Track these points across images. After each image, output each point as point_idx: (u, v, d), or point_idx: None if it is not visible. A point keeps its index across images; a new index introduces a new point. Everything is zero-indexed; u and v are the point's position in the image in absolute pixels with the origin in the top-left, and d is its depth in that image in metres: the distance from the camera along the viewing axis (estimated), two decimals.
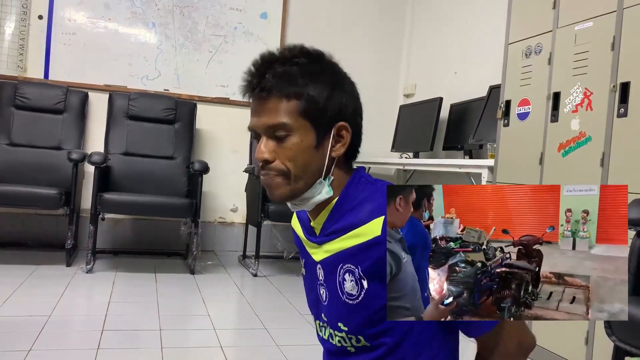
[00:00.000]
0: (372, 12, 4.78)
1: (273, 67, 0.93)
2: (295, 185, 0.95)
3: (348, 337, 0.99)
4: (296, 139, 0.93)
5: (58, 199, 3.39)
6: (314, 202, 0.98)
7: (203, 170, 3.70)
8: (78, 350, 2.21)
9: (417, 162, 3.89)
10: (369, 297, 0.94)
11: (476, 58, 3.81)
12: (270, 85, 0.92)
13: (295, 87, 0.92)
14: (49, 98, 3.94)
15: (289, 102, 0.92)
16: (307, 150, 0.94)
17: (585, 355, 2.09)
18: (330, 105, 0.95)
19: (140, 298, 3.01)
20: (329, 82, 0.95)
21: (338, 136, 0.97)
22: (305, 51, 0.97)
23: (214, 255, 4.29)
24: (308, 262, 1.08)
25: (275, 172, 0.94)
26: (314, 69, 0.95)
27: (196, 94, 4.35)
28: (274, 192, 0.96)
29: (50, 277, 3.24)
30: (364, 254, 0.93)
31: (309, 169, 0.95)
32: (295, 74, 0.93)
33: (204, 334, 2.50)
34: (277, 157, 0.94)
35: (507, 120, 2.66)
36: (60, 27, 4.08)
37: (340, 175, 0.99)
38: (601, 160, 2.09)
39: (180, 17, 4.31)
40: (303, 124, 0.93)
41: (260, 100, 0.94)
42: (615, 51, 2.07)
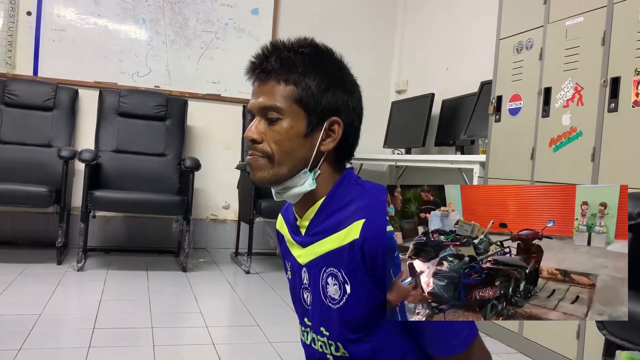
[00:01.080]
0: (363, 8, 4.77)
1: (278, 53, 0.95)
2: (277, 169, 0.95)
3: (329, 343, 0.98)
4: (286, 123, 0.93)
5: (48, 196, 3.37)
6: (296, 193, 0.97)
7: (194, 167, 3.68)
8: (69, 348, 2.20)
9: (409, 158, 3.89)
10: (350, 301, 0.92)
11: (468, 54, 3.81)
12: (271, 68, 0.94)
13: (295, 74, 0.93)
14: (39, 95, 3.90)
15: (285, 87, 0.93)
16: (295, 137, 0.94)
17: (576, 350, 2.11)
18: (326, 98, 0.95)
19: (132, 296, 3.00)
20: (329, 76, 0.96)
21: (330, 130, 0.96)
22: (314, 44, 0.99)
23: (206, 253, 4.28)
24: (293, 266, 1.07)
25: (261, 153, 0.95)
26: (317, 60, 0.96)
27: (187, 90, 4.33)
28: (256, 173, 0.96)
29: (40, 276, 3.22)
30: (344, 257, 0.92)
31: (294, 156, 0.94)
32: (297, 61, 0.94)
33: (197, 332, 2.49)
34: (265, 138, 0.94)
35: (498, 116, 2.66)
36: (49, 23, 4.04)
37: (328, 172, 0.98)
38: (592, 155, 2.10)
39: (170, 13, 4.28)
40: (296, 110, 0.93)
41: (260, 82, 0.95)
42: (606, 46, 2.08)
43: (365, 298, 0.90)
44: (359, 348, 0.94)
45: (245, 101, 4.40)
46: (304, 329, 1.06)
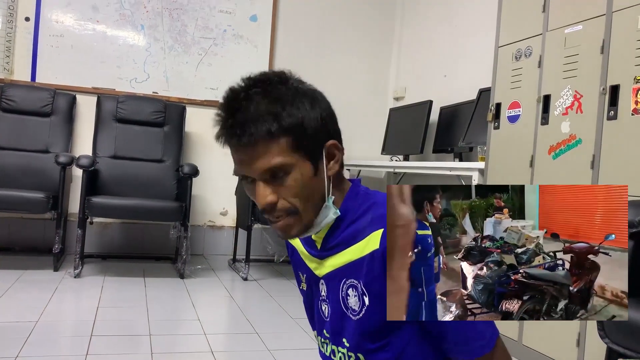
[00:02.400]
0: (362, 15, 4.78)
1: (248, 109, 0.87)
2: (306, 218, 0.92)
3: (348, 354, 0.98)
4: (296, 174, 0.89)
5: (45, 202, 3.35)
6: (324, 225, 0.96)
7: (192, 173, 3.67)
8: (66, 356, 2.18)
9: (407, 165, 3.89)
10: (370, 312, 0.92)
11: (466, 61, 3.82)
12: (254, 130, 0.85)
13: (280, 123, 0.87)
14: (36, 101, 3.89)
15: (279, 141, 0.87)
16: (309, 182, 0.90)
17: (576, 357, 2.10)
18: (315, 127, 0.91)
19: (130, 303, 2.98)
20: (307, 104, 0.91)
21: (329, 154, 0.94)
22: (271, 79, 0.91)
23: (204, 259, 4.26)
24: (310, 278, 1.06)
25: (283, 212, 0.91)
26: (289, 96, 0.89)
27: (185, 96, 4.33)
28: (289, 232, 0.93)
29: (37, 282, 3.20)
30: (364, 268, 0.92)
31: (314, 199, 0.92)
32: (274, 109, 0.87)
33: (195, 339, 2.47)
34: (280, 196, 0.90)
35: (497, 123, 2.67)
36: (47, 29, 4.04)
37: (337, 190, 0.97)
38: (591, 163, 2.11)
39: (169, 19, 4.29)
40: (298, 158, 0.89)
41: (246, 147, 0.87)
42: (605, 54, 2.09)
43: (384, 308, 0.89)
44: (380, 356, 0.94)
45: None
46: (323, 341, 1.06)
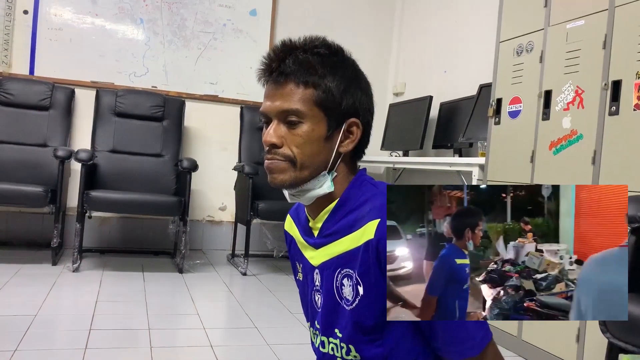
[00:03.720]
0: (361, 10, 4.77)
1: (294, 54, 0.93)
2: (299, 173, 0.93)
3: (340, 345, 0.97)
4: (308, 127, 0.92)
5: (44, 196, 3.34)
6: (313, 195, 0.96)
7: (192, 168, 3.66)
8: (65, 350, 2.17)
9: (406, 160, 3.89)
10: (363, 302, 0.92)
11: (466, 57, 3.81)
12: (290, 71, 0.91)
13: (314, 76, 0.91)
14: (35, 94, 3.87)
15: (305, 90, 0.91)
16: (317, 141, 0.92)
17: (576, 353, 2.10)
18: (345, 99, 0.94)
19: (128, 297, 2.97)
20: (347, 77, 0.95)
21: (348, 132, 0.96)
22: (327, 43, 0.97)
23: (202, 254, 4.25)
24: (305, 268, 1.06)
25: (282, 157, 0.93)
26: (334, 61, 0.95)
27: (185, 91, 4.31)
28: (277, 175, 0.94)
29: (35, 277, 3.19)
30: (358, 258, 0.91)
31: (315, 160, 0.93)
32: (315, 63, 0.92)
33: (194, 333, 2.47)
34: (286, 142, 0.93)
35: (498, 119, 2.66)
36: (46, 22, 4.01)
37: (344, 173, 0.98)
38: (592, 159, 2.10)
39: (168, 13, 4.27)
40: (317, 114, 0.92)
41: (277, 85, 0.92)
42: (607, 49, 2.08)
43: (378, 299, 0.89)
44: (371, 350, 0.93)
45: (243, 102, 4.39)
46: (314, 332, 1.05)
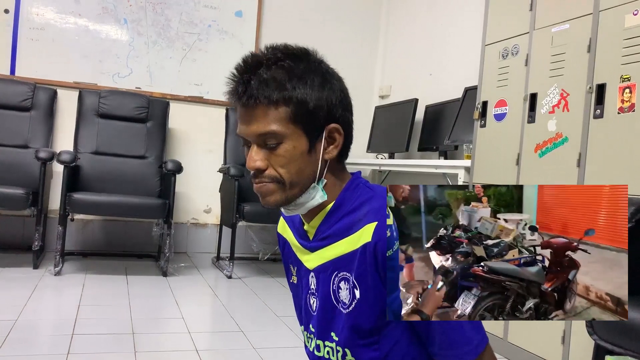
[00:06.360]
0: (347, 12, 4.77)
1: (258, 73, 0.89)
2: (290, 192, 0.92)
3: (336, 349, 0.97)
4: (288, 145, 0.90)
5: (25, 199, 3.28)
6: (308, 207, 0.95)
7: (176, 170, 3.63)
8: (47, 355, 2.13)
9: (392, 162, 3.89)
10: (360, 305, 0.91)
11: (451, 60, 3.83)
12: (258, 93, 0.88)
13: (284, 92, 0.88)
14: (16, 95, 3.81)
15: (277, 109, 0.88)
16: (300, 157, 0.91)
17: (562, 354, 2.11)
18: (319, 107, 0.91)
19: (112, 301, 2.93)
20: (316, 83, 0.92)
21: (330, 138, 0.94)
22: (290, 52, 0.93)
23: (187, 257, 4.21)
24: (300, 270, 1.05)
25: (269, 179, 0.91)
26: (301, 70, 0.91)
27: (169, 92, 4.27)
28: (269, 198, 0.93)
29: (16, 280, 3.13)
30: (355, 261, 0.90)
31: (302, 175, 0.92)
32: (281, 78, 0.89)
33: (179, 337, 2.44)
34: (270, 164, 0.91)
35: (484, 121, 2.67)
36: (27, 21, 3.95)
37: (333, 178, 0.96)
38: (577, 161, 2.12)
39: (152, 13, 4.23)
40: (294, 130, 0.90)
41: (247, 108, 0.90)
42: (592, 53, 2.10)
43: (375, 303, 0.88)
44: (367, 354, 0.93)
45: (229, 104, 4.35)
46: (309, 335, 1.04)
